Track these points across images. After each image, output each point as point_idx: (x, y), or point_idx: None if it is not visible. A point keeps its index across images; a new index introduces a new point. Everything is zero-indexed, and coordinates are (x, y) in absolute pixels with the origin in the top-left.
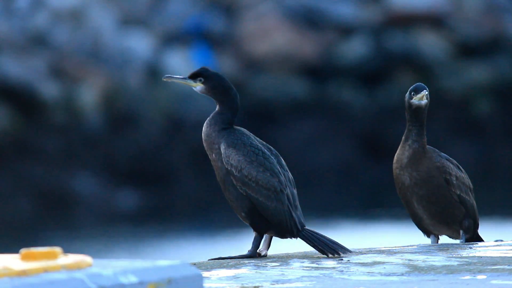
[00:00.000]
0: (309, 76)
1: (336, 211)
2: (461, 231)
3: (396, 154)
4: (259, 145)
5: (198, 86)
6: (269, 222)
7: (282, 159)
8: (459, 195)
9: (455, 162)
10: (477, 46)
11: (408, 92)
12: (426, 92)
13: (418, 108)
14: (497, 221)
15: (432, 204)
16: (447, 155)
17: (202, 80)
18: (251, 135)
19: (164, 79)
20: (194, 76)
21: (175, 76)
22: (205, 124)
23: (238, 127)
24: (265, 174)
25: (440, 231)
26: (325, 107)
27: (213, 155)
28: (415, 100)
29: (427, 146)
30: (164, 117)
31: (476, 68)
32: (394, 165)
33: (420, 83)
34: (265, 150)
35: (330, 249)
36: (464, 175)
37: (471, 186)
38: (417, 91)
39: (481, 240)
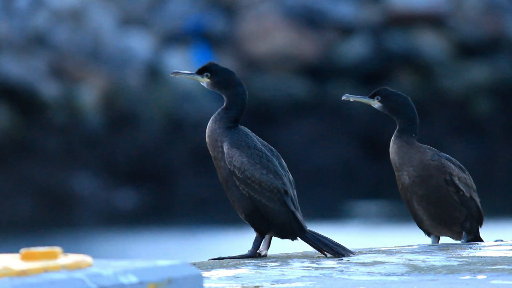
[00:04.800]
0: (309, 76)
1: (335, 211)
2: (463, 232)
3: None
4: (262, 147)
5: (204, 82)
6: (271, 223)
7: (283, 160)
8: (462, 196)
9: (457, 162)
10: (477, 46)
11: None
12: (365, 99)
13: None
14: (497, 221)
15: (432, 205)
16: (448, 155)
17: (209, 75)
18: (254, 137)
19: (172, 75)
20: (201, 71)
21: (182, 71)
22: (210, 120)
23: (242, 127)
24: (268, 176)
25: (440, 232)
26: (325, 107)
27: (215, 153)
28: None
29: (423, 145)
30: (164, 117)
31: (476, 68)
32: (393, 166)
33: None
34: (268, 153)
35: (333, 251)
36: (466, 176)
37: (474, 186)
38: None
39: (481, 240)
